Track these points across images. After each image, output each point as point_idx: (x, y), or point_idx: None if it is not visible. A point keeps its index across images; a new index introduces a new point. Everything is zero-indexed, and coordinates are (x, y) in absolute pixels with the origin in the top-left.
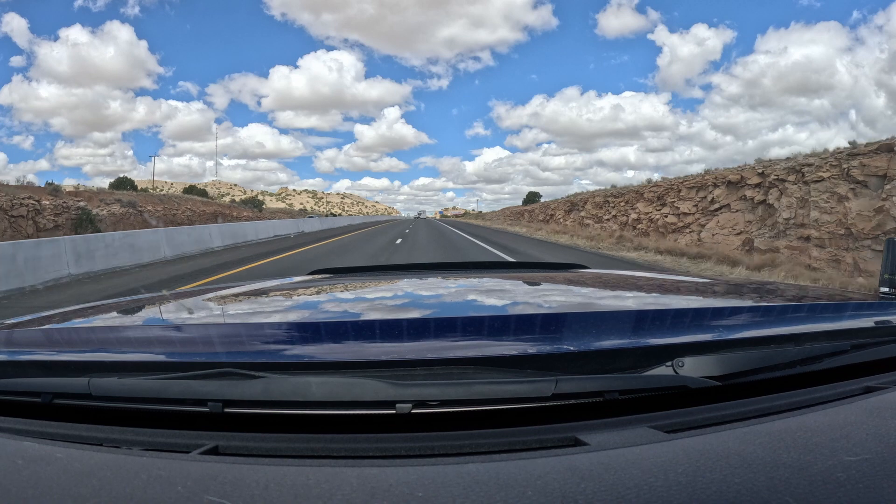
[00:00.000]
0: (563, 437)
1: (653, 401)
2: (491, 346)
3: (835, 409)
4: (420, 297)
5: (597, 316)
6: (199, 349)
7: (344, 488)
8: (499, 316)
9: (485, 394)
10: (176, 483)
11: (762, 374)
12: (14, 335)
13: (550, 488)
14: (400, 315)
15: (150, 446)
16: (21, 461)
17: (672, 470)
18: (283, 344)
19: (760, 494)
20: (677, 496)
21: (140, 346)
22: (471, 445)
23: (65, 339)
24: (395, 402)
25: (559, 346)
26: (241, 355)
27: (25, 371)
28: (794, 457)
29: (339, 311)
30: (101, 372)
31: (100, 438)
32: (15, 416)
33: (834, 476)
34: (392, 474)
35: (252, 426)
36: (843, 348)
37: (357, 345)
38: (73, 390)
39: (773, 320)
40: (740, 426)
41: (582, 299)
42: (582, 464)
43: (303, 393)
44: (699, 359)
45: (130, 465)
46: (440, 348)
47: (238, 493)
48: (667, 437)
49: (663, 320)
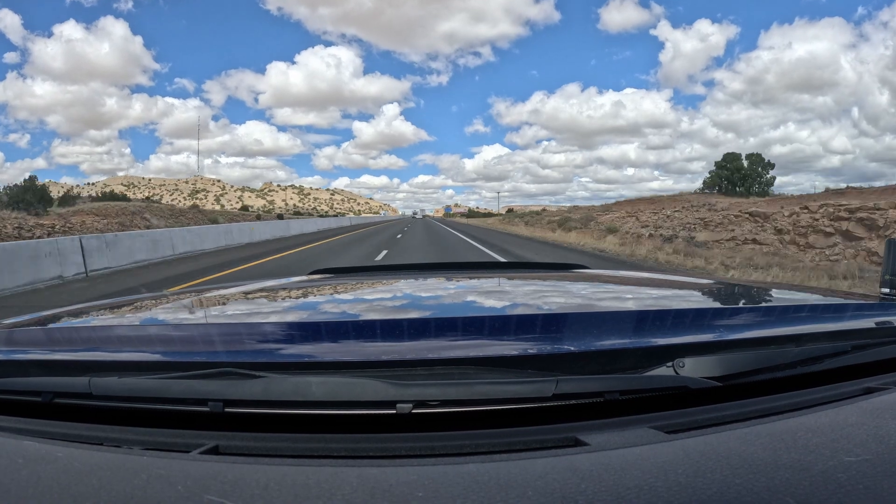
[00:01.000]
0: (564, 438)
1: (653, 401)
2: (491, 346)
3: (835, 410)
4: (420, 297)
5: (597, 316)
6: (200, 349)
7: (344, 488)
8: (499, 316)
9: (485, 394)
10: (176, 482)
11: (763, 374)
12: (14, 334)
13: (551, 488)
14: (400, 315)
15: (151, 446)
16: (21, 460)
17: (672, 470)
18: (284, 343)
19: (761, 495)
20: (678, 497)
21: (140, 346)
22: (471, 445)
23: (65, 338)
24: (396, 402)
25: (559, 346)
26: (242, 355)
27: (26, 370)
28: (794, 457)
29: (340, 310)
30: (101, 371)
31: (100, 438)
32: (15, 416)
33: (834, 477)
34: (392, 474)
35: (252, 426)
36: (844, 349)
37: (357, 345)
38: (74, 390)
39: (774, 321)
40: (741, 427)
41: (582, 299)
42: (582, 464)
43: (303, 393)
44: (700, 359)
45: (131, 464)
46: (440, 348)
47: (238, 492)
48: (667, 438)
49: (664, 321)
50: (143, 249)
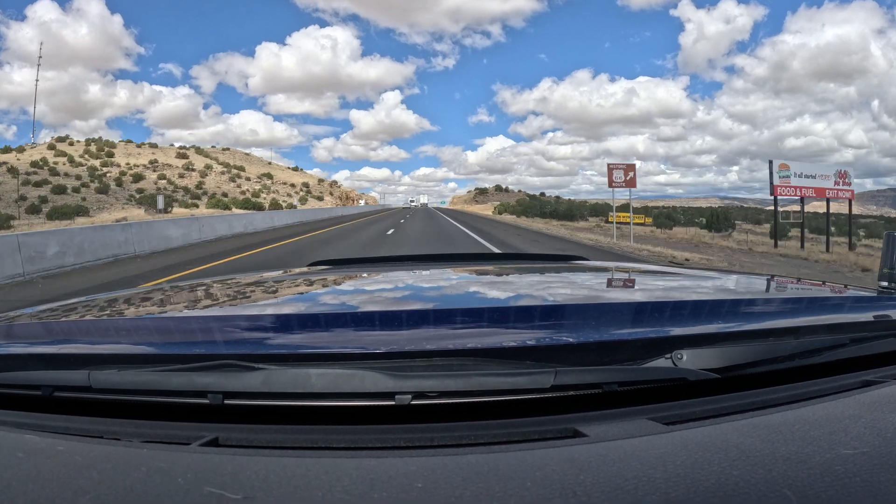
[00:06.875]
0: (563, 429)
1: (652, 393)
2: (490, 337)
3: (833, 403)
4: (419, 288)
5: (596, 307)
6: (199, 341)
7: (344, 479)
8: (498, 307)
9: (484, 385)
10: (176, 475)
11: (761, 366)
12: (14, 328)
13: (550, 479)
14: (399, 306)
15: (151, 438)
16: (22, 454)
17: (671, 462)
18: (283, 335)
19: (758, 487)
20: (676, 488)
21: (140, 339)
22: (470, 437)
23: (64, 331)
24: (395, 393)
25: (558, 337)
26: (241, 346)
27: (25, 364)
28: (792, 449)
29: (339, 302)
30: (100, 364)
31: (100, 431)
32: (15, 410)
33: (831, 469)
34: (392, 465)
35: (252, 418)
36: (842, 342)
37: (357, 336)
38: (73, 383)
39: (773, 313)
40: (739, 418)
41: (581, 291)
42: (581, 455)
43: (303, 384)
44: (698, 351)
45: (131, 457)
46: (440, 339)
47: (238, 484)
48: (666, 429)
49: (662, 312)
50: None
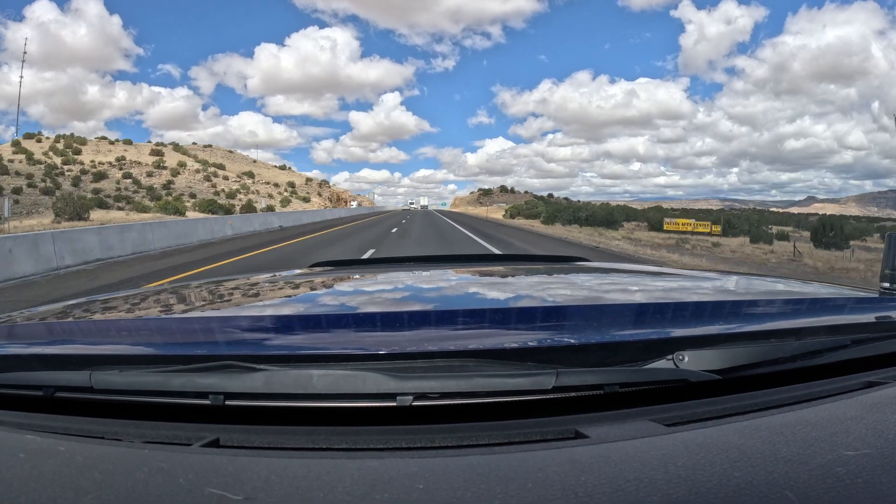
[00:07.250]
0: (564, 430)
1: (653, 394)
2: (492, 338)
3: (835, 404)
4: (421, 289)
5: (598, 309)
6: (201, 341)
7: (345, 480)
8: (500, 308)
9: (485, 386)
10: (177, 475)
11: (763, 368)
12: (15, 329)
13: (551, 480)
14: (401, 307)
15: (152, 439)
16: (23, 455)
17: (672, 463)
18: (285, 336)
19: (759, 488)
20: (677, 489)
21: (141, 339)
22: (471, 438)
23: (66, 332)
24: (396, 394)
25: (560, 338)
26: (243, 347)
27: (27, 365)
28: (793, 451)
29: (340, 303)
30: (102, 365)
31: (101, 431)
32: (17, 410)
33: (833, 471)
34: (393, 466)
35: (253, 419)
36: (844, 343)
37: (358, 337)
38: (75, 384)
39: (774, 314)
40: (740, 420)
41: (583, 292)
42: (582, 456)
43: (304, 385)
44: (700, 352)
45: (132, 457)
46: (441, 340)
47: (239, 485)
48: (667, 431)
49: (664, 314)
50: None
